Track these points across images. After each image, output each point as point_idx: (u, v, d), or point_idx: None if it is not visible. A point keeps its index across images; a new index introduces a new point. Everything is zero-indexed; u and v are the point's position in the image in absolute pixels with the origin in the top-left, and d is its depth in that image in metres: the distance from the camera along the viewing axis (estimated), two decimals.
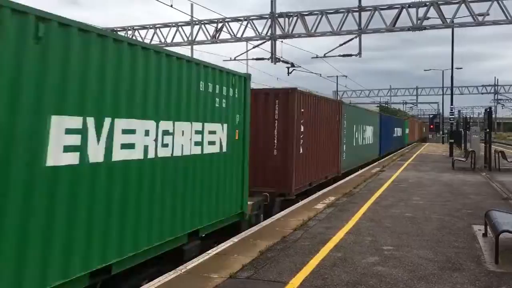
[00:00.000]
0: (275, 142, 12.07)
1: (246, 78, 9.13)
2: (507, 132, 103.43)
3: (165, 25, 26.95)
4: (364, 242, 7.62)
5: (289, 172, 12.06)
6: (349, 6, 23.73)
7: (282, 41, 25.43)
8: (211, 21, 25.92)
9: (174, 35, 26.61)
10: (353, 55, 25.08)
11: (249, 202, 9.35)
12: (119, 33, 27.62)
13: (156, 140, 6.22)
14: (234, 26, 25.64)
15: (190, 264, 6.41)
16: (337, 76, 59.00)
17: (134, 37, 27.30)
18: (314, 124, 14.22)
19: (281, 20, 24.74)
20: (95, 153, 5.17)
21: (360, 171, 20.41)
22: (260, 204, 10.73)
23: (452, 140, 33.35)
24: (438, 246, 7.41)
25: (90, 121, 5.10)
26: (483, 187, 14.90)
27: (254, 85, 11.77)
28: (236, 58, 26.21)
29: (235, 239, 7.86)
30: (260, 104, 12.02)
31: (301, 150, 12.82)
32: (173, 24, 26.67)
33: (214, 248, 7.25)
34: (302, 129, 12.95)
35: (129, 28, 27.59)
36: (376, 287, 5.53)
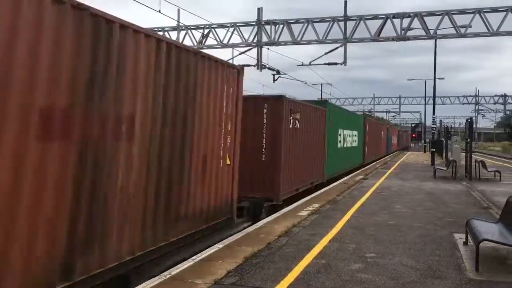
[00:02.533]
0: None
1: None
2: (487, 142, 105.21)
3: (151, 30, 26.88)
4: (348, 249, 7.70)
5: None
6: (335, 15, 24.01)
7: (268, 48, 25.60)
8: (197, 27, 25.97)
9: None
10: (338, 63, 25.38)
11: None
12: None
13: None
14: (221, 32, 25.73)
15: (175, 270, 6.40)
16: (321, 84, 59.45)
17: None
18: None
19: (267, 27, 24.93)
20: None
21: (343, 179, 20.58)
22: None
23: (434, 149, 33.81)
24: (420, 254, 7.52)
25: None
26: (464, 196, 15.13)
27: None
28: None
29: (219, 245, 7.86)
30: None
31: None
32: (159, 29, 26.62)
33: (199, 254, 7.25)
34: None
35: None
36: None
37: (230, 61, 27.41)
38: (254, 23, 25.08)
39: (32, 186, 4.52)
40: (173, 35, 26.31)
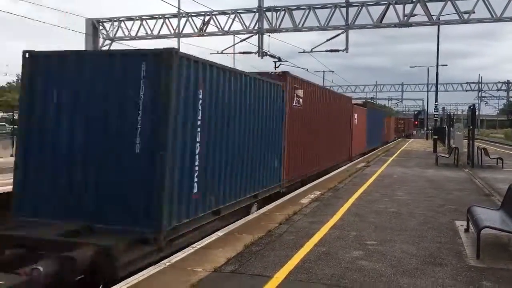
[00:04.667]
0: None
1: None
2: (490, 129, 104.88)
3: (152, 17, 26.68)
4: (348, 237, 7.67)
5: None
6: (337, 2, 23.76)
7: (269, 35, 25.40)
8: (198, 14, 25.74)
9: (161, 27, 26.38)
10: (340, 50, 25.15)
11: None
12: (105, 24, 27.30)
13: None
14: (222, 19, 25.51)
15: (174, 258, 6.39)
16: (323, 71, 59.13)
17: (120, 29, 27.01)
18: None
19: (268, 14, 24.68)
20: None
21: (345, 166, 20.54)
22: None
23: (436, 137, 33.68)
24: (421, 241, 7.49)
25: None
26: (465, 183, 15.09)
27: None
28: (223, 52, 26.12)
29: (220, 232, 7.85)
30: None
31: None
32: (160, 16, 26.42)
33: (199, 242, 7.23)
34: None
35: (115, 19, 27.27)
36: (359, 281, 5.57)
37: (231, 49, 27.09)
38: (255, 10, 24.84)
39: None
40: (174, 22, 26.14)
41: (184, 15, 25.72)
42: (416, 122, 68.17)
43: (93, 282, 5.78)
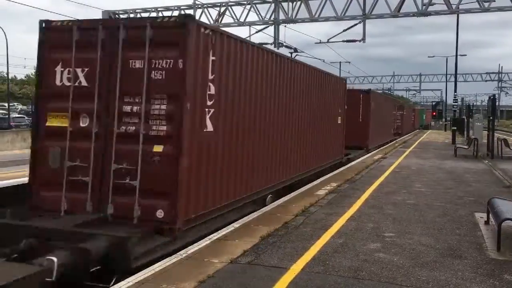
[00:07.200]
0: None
1: None
2: (510, 120, 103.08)
3: (167, 9, 26.69)
4: (365, 229, 7.60)
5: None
6: None
7: (285, 26, 25.23)
8: (214, 5, 25.67)
9: None
10: (357, 40, 24.85)
11: None
12: (120, 16, 27.40)
13: None
14: (237, 10, 25.44)
15: (191, 249, 6.41)
16: (340, 62, 58.57)
17: None
18: None
19: (284, 4, 24.49)
20: None
21: (361, 158, 20.38)
22: None
23: (455, 128, 33.20)
24: (440, 234, 7.38)
25: None
26: (485, 175, 14.84)
27: None
28: None
29: (236, 224, 7.85)
30: None
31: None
32: (175, 8, 26.41)
33: (215, 233, 7.24)
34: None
35: (131, 11, 27.33)
36: (377, 273, 5.51)
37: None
38: (271, 0, 24.66)
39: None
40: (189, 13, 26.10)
41: (199, 6, 25.67)
42: (434, 113, 67.20)
43: (108, 273, 5.70)
